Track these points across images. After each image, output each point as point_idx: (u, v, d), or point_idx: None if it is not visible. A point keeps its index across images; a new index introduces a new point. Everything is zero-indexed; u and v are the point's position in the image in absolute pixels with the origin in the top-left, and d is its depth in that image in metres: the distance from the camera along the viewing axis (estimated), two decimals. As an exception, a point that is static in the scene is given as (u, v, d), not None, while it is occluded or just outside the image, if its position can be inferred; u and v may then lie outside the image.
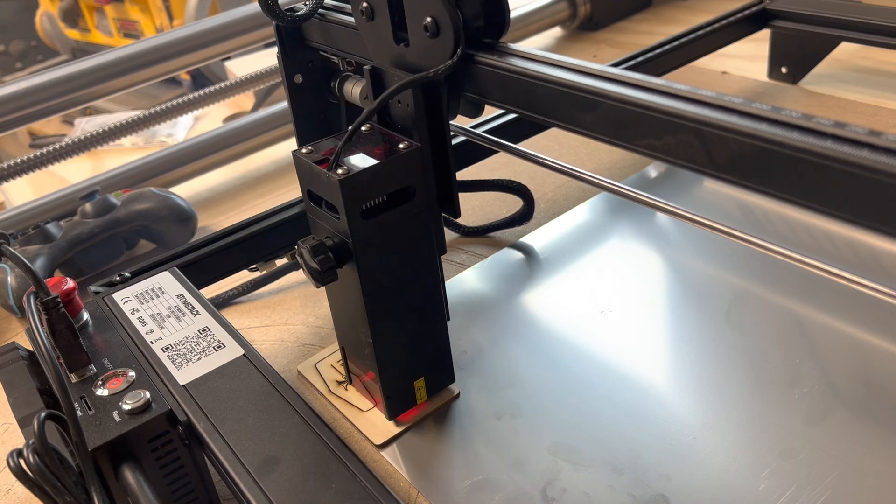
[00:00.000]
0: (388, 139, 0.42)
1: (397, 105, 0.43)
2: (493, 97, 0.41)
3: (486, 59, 0.40)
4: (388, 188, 0.41)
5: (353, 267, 0.41)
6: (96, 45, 1.78)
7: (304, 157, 0.41)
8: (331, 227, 0.42)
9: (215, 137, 0.87)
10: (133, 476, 0.36)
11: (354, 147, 0.41)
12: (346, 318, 0.46)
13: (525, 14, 1.08)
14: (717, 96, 0.30)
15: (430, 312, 0.46)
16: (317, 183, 0.41)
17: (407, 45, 0.43)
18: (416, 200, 0.42)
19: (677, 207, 0.36)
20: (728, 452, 0.44)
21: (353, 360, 0.49)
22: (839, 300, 0.53)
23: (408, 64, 0.43)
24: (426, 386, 0.48)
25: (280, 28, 0.52)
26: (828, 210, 0.27)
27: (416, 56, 0.42)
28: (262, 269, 0.60)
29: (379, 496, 0.34)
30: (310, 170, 0.41)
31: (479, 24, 0.40)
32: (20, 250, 0.66)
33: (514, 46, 0.40)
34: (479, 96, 0.42)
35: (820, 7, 0.79)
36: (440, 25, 0.40)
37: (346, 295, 0.44)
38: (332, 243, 0.41)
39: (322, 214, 0.42)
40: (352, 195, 0.39)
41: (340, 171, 0.39)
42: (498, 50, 0.40)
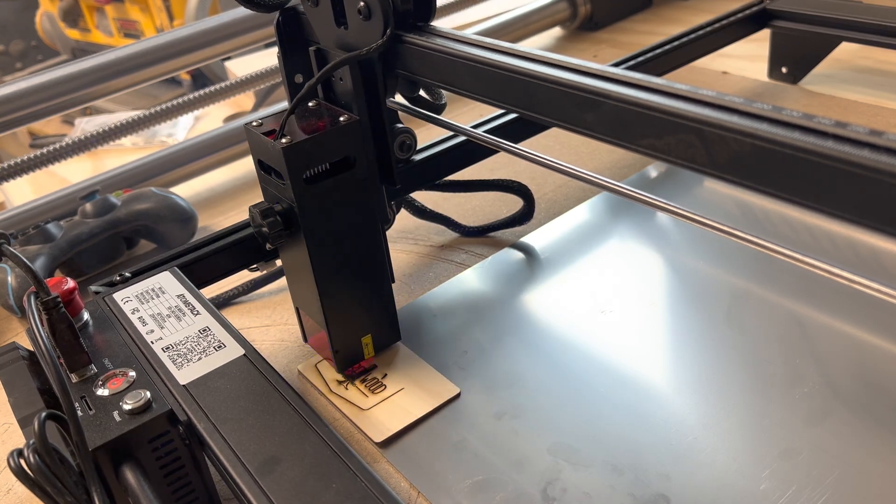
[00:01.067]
0: (332, 113, 0.46)
1: (339, 82, 0.48)
2: (421, 74, 0.45)
3: (413, 39, 0.44)
4: (329, 157, 0.45)
5: (299, 230, 0.46)
6: (96, 45, 1.78)
7: (253, 129, 0.46)
8: (278, 192, 0.46)
9: (215, 137, 0.87)
10: (133, 476, 0.37)
11: (301, 121, 0.45)
12: (297, 279, 0.50)
13: (525, 14, 1.08)
14: (717, 96, 0.30)
15: (373, 273, 0.50)
16: (265, 152, 0.45)
17: (346, 28, 0.47)
18: (355, 169, 0.46)
19: (677, 207, 0.36)
20: (728, 452, 0.44)
21: (306, 319, 0.53)
22: (839, 300, 0.53)
23: (347, 45, 0.48)
24: (373, 342, 0.53)
25: (280, 27, 0.52)
26: (829, 210, 0.27)
27: (354, 37, 0.47)
28: (263, 269, 0.60)
29: (379, 496, 0.34)
30: (259, 140, 0.45)
31: (408, 7, 0.45)
32: (20, 250, 0.66)
33: (440, 28, 0.44)
34: (409, 73, 0.46)
35: (820, 7, 0.79)
36: (371, 9, 0.44)
37: (296, 257, 0.48)
38: (281, 208, 0.46)
39: (271, 182, 0.46)
40: (295, 162, 0.43)
41: (284, 141, 0.43)
42: (426, 31, 0.45)
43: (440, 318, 0.58)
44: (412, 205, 0.66)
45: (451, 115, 0.52)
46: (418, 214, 0.67)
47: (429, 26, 0.45)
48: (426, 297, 0.61)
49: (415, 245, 0.68)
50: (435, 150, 0.60)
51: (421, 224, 0.70)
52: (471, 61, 0.41)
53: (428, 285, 0.62)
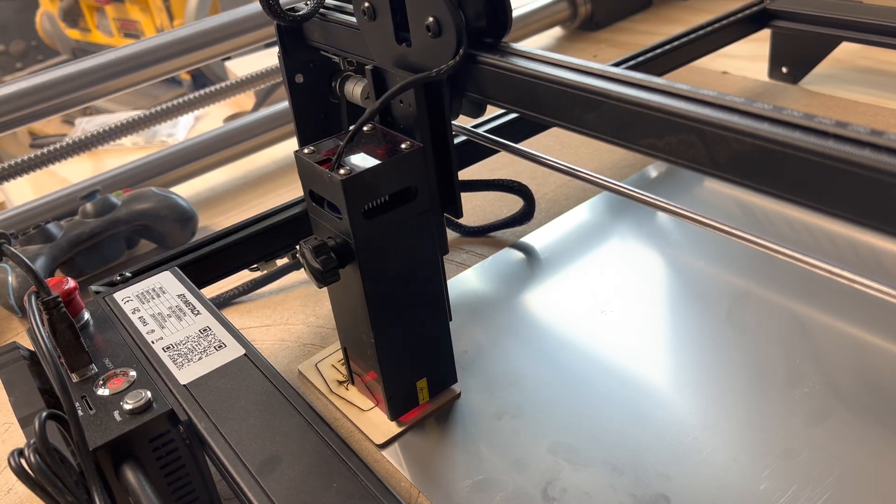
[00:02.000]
0: (390, 139, 0.42)
1: (399, 105, 0.43)
2: (494, 97, 0.41)
3: (488, 58, 0.40)
4: (390, 188, 0.41)
5: (355, 267, 0.41)
6: (96, 45, 1.78)
7: (306, 158, 0.41)
8: (333, 227, 0.42)
9: (215, 137, 0.87)
10: (134, 476, 0.36)
11: (356, 147, 0.41)
12: (348, 318, 0.46)
13: (525, 14, 1.08)
14: (718, 96, 0.30)
15: (432, 313, 0.46)
16: (319, 183, 0.41)
17: (409, 45, 0.43)
18: (417, 201, 0.42)
19: (678, 207, 0.36)
20: (728, 452, 0.44)
21: (355, 361, 0.49)
22: (840, 300, 0.53)
23: (410, 64, 0.43)
24: (428, 386, 0.48)
25: (281, 28, 0.52)
26: (829, 209, 0.27)
27: (418, 56, 0.43)
28: (263, 269, 0.60)
29: (380, 496, 0.34)
30: (312, 170, 0.41)
31: (482, 24, 0.40)
32: (21, 250, 0.66)
33: (516, 46, 0.40)
34: (481, 96, 0.42)
35: (820, 7, 0.79)
36: (442, 25, 0.40)
37: (348, 295, 0.44)
38: (335, 243, 0.41)
39: (324, 215, 0.42)
40: (354, 195, 0.39)
41: (343, 172, 0.39)
42: (500, 50, 0.40)
43: (440, 318, 0.58)
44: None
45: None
46: (419, 214, 0.67)
47: (502, 43, 0.41)
48: (426, 297, 0.61)
49: (415, 245, 0.68)
50: (435, 150, 0.59)
51: (421, 224, 0.70)
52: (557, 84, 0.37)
53: (428, 285, 0.62)
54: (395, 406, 0.48)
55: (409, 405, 0.48)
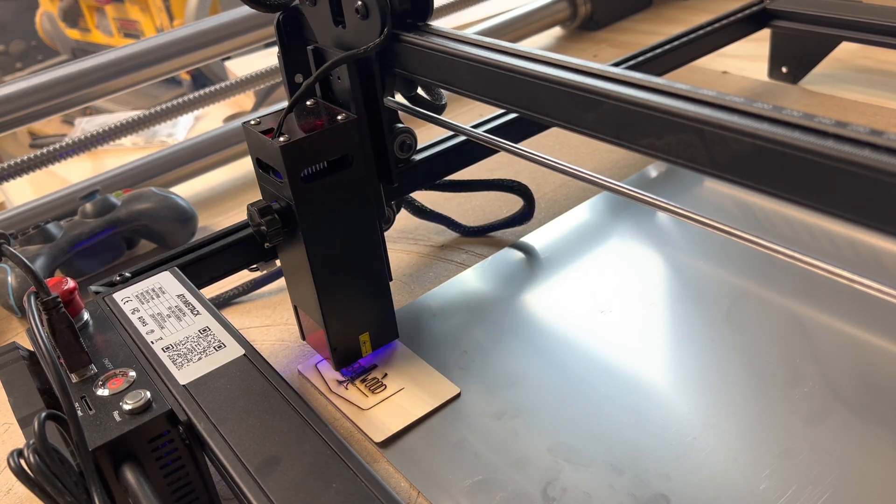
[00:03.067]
0: (329, 112, 0.46)
1: (337, 81, 0.48)
2: (419, 73, 0.45)
3: (410, 38, 0.44)
4: (326, 155, 0.45)
5: (297, 229, 0.46)
6: (96, 45, 1.78)
7: (252, 128, 0.46)
8: (276, 191, 0.46)
9: (215, 137, 0.87)
10: (134, 476, 0.36)
11: (299, 120, 0.45)
12: (295, 277, 0.51)
13: (525, 14, 1.08)
14: (718, 96, 0.30)
15: (370, 272, 0.50)
16: (263, 150, 0.45)
17: (344, 27, 0.47)
18: (354, 168, 0.46)
19: (678, 207, 0.36)
20: (728, 452, 0.44)
21: (304, 318, 0.53)
22: (839, 300, 0.53)
23: (345, 44, 0.48)
24: (370, 340, 0.52)
25: (280, 27, 0.52)
26: (829, 209, 0.27)
27: (351, 36, 0.47)
28: (263, 269, 0.60)
29: (380, 496, 0.34)
30: (257, 139, 0.45)
31: (406, 6, 0.45)
32: (20, 250, 0.66)
33: (436, 27, 0.45)
34: (406, 72, 0.46)
35: (820, 7, 0.79)
36: (369, 8, 0.44)
37: (294, 255, 0.49)
38: (279, 206, 0.46)
39: (269, 180, 0.47)
40: (293, 161, 0.43)
41: (283, 139, 0.43)
42: (422, 30, 0.45)
43: (440, 318, 0.58)
44: (412, 205, 0.66)
45: (451, 114, 0.52)
46: (418, 214, 0.67)
47: (426, 25, 0.46)
48: (426, 297, 0.61)
49: (415, 245, 0.68)
50: (435, 150, 0.60)
51: (421, 224, 0.70)
52: (468, 60, 0.41)
53: (428, 285, 0.62)
54: (340, 357, 0.52)
55: (352, 357, 0.53)
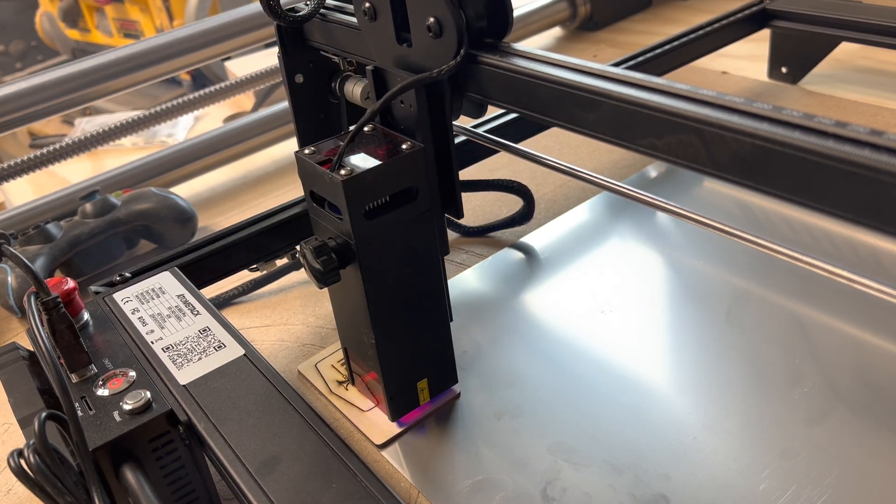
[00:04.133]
0: (391, 140, 0.42)
1: (400, 105, 0.43)
2: (495, 97, 0.41)
3: (488, 59, 0.40)
4: (390, 189, 0.41)
5: (355, 268, 0.41)
6: (96, 45, 1.78)
7: (306, 158, 0.41)
8: (334, 227, 0.42)
9: (215, 137, 0.87)
10: (134, 476, 0.36)
11: (357, 147, 0.41)
12: (348, 318, 0.46)
13: (525, 14, 1.08)
14: (718, 96, 0.30)
15: (433, 313, 0.46)
16: (319, 184, 0.41)
17: (410, 46, 0.43)
18: (418, 201, 0.42)
19: (677, 207, 0.36)
20: (728, 452, 0.44)
21: (355, 361, 0.49)
22: (839, 300, 0.53)
23: (410, 64, 0.43)
24: (429, 387, 0.48)
25: (281, 28, 0.52)
26: (829, 209, 0.27)
27: (419, 56, 0.42)
28: (262, 269, 0.60)
29: (379, 496, 0.34)
30: (312, 170, 0.41)
31: (483, 24, 0.40)
32: (20, 250, 0.66)
33: (516, 46, 0.40)
34: (481, 96, 0.42)
35: (820, 7, 0.79)
36: (443, 25, 0.40)
37: (348, 295, 0.44)
38: (335, 244, 0.41)
39: (325, 215, 0.42)
40: (355, 196, 0.39)
41: (343, 172, 0.39)
42: (501, 50, 0.40)
43: (440, 318, 0.58)
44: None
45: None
46: (418, 214, 0.66)
47: (505, 45, 0.41)
48: (426, 297, 0.61)
49: (415, 245, 0.68)
50: (435, 151, 0.59)
51: (421, 224, 0.70)
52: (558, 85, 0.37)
53: (428, 285, 0.62)
54: (396, 406, 0.48)
55: (409, 405, 0.48)
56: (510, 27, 0.41)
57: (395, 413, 0.48)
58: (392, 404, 0.47)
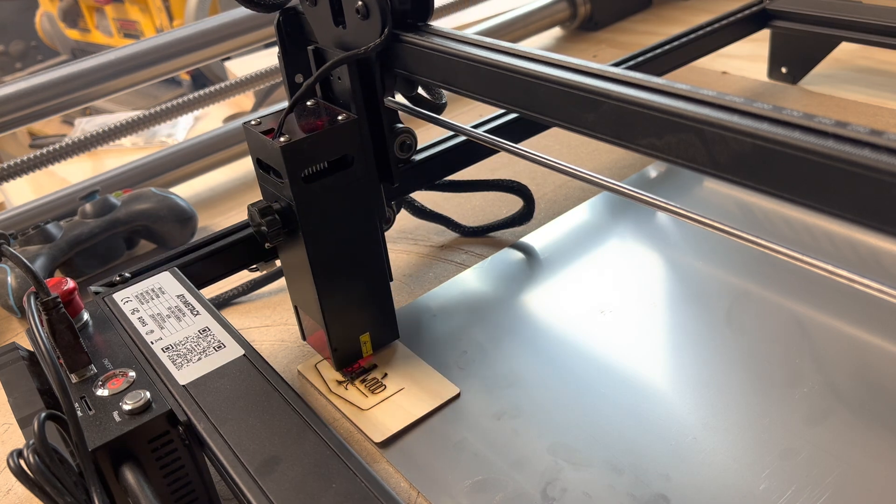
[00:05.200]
0: (330, 112, 0.46)
1: (337, 81, 0.48)
2: (419, 73, 0.45)
3: (411, 38, 0.44)
4: (327, 156, 0.45)
5: (298, 229, 0.46)
6: (96, 45, 1.78)
7: (252, 128, 0.46)
8: (277, 191, 0.46)
9: (215, 137, 0.87)
10: (133, 476, 0.36)
11: (300, 120, 0.46)
12: (296, 277, 0.50)
13: (525, 14, 1.08)
14: (718, 96, 0.30)
15: (371, 272, 0.50)
16: (264, 151, 0.45)
17: (345, 27, 0.47)
18: (354, 168, 0.46)
19: (677, 207, 0.36)
20: (728, 452, 0.44)
21: (304, 318, 0.53)
22: (839, 300, 0.53)
23: (345, 44, 0.48)
24: (371, 340, 0.53)
25: (281, 27, 0.52)
26: (829, 209, 0.27)
27: (352, 37, 0.47)
28: (262, 269, 0.60)
29: (379, 496, 0.34)
30: (257, 139, 0.45)
31: (406, 6, 0.45)
32: (20, 250, 0.66)
33: (437, 27, 0.45)
34: (407, 72, 0.46)
35: (820, 7, 0.79)
36: (369, 8, 0.44)
37: (294, 256, 0.49)
38: (279, 207, 0.46)
39: (270, 180, 0.47)
40: (293, 161, 0.43)
41: (283, 139, 0.43)
42: (423, 31, 0.45)
43: (440, 318, 0.58)
44: (412, 205, 0.66)
45: (451, 115, 0.52)
46: (418, 214, 0.67)
47: (427, 25, 0.45)
48: (426, 297, 0.61)
49: (415, 245, 0.68)
50: (435, 150, 0.60)
51: (421, 224, 0.70)
52: (469, 60, 0.41)
53: (428, 285, 0.62)
54: (340, 358, 0.52)
55: (353, 358, 0.53)
56: (432, 11, 0.46)
57: (339, 363, 0.52)
58: (336, 355, 0.52)
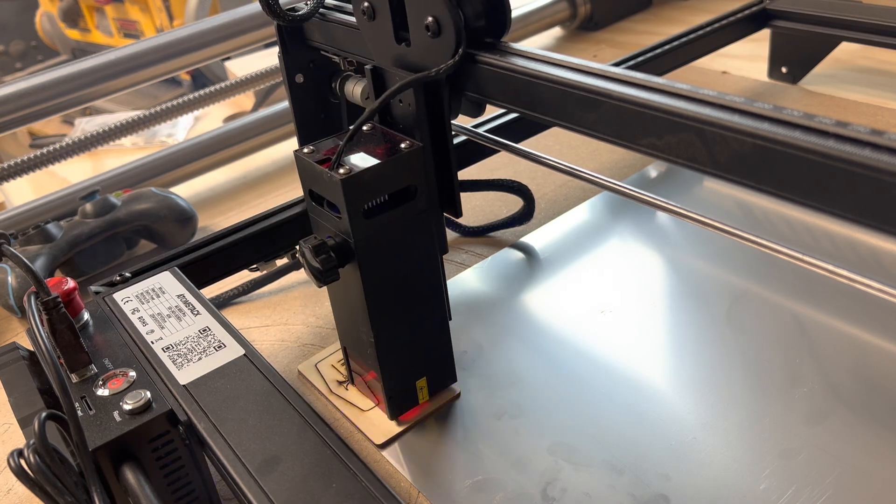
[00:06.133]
0: (390, 139, 0.42)
1: (399, 104, 0.43)
2: (494, 97, 0.41)
3: (487, 58, 0.40)
4: (389, 188, 0.41)
5: (354, 266, 0.42)
6: (96, 45, 1.78)
7: (305, 157, 0.41)
8: (333, 226, 0.42)
9: (215, 137, 0.87)
10: (134, 476, 0.36)
11: (356, 147, 0.42)
12: (348, 317, 0.46)
13: (525, 14, 1.08)
14: (718, 95, 0.30)
15: (431, 312, 0.46)
16: (319, 183, 0.41)
17: (408, 45, 0.43)
18: (417, 200, 0.42)
19: (678, 207, 0.36)
20: (728, 452, 0.44)
21: (354, 360, 0.49)
22: (839, 300, 0.53)
23: (409, 63, 0.44)
24: (428, 385, 0.48)
25: (281, 28, 0.52)
26: (829, 209, 0.27)
27: (418, 55, 0.43)
28: (262, 269, 0.60)
29: (380, 496, 0.34)
30: (312, 169, 0.41)
31: (481, 23, 0.41)
32: (21, 250, 0.66)
33: (515, 46, 0.40)
34: (480, 96, 0.42)
35: (820, 7, 0.79)
36: (441, 25, 0.40)
37: (348, 294, 0.44)
38: (334, 243, 0.42)
39: (324, 214, 0.42)
40: (353, 194, 0.39)
41: (342, 171, 0.39)
42: (499, 49, 0.40)
43: (440, 318, 0.58)
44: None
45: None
46: (418, 214, 0.67)
47: (504, 44, 0.41)
48: (426, 297, 0.60)
49: (415, 245, 0.68)
50: (435, 150, 0.59)
51: (421, 224, 0.70)
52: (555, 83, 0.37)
53: (428, 285, 0.62)
54: (395, 405, 0.48)
55: (408, 404, 0.48)
56: (509, 27, 0.41)
57: (394, 412, 0.48)
58: (391, 403, 0.47)
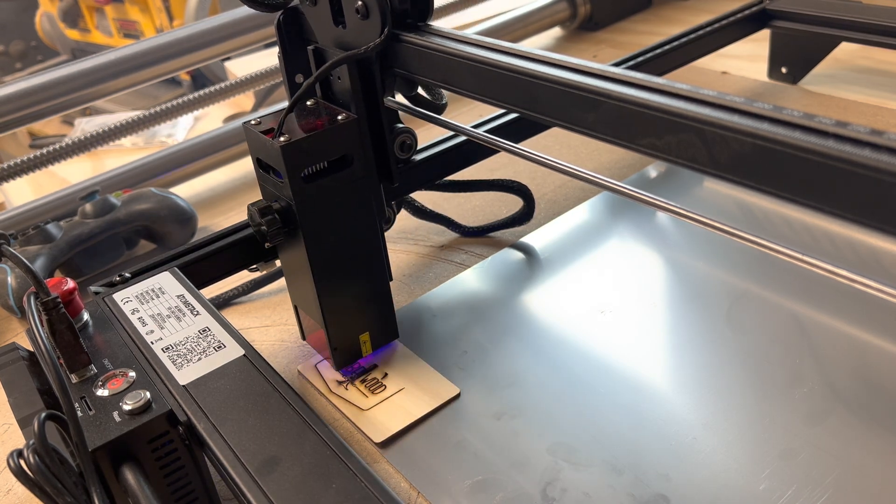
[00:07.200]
0: (329, 112, 0.46)
1: (338, 81, 0.48)
2: (418, 73, 0.46)
3: (410, 38, 0.45)
4: (327, 155, 0.45)
5: (297, 228, 0.46)
6: (96, 45, 1.78)
7: (252, 128, 0.46)
8: (277, 191, 0.46)
9: (215, 137, 0.87)
10: (133, 476, 0.36)
11: (300, 119, 0.46)
12: (295, 277, 0.51)
13: (525, 14, 1.08)
14: (718, 96, 0.30)
15: (371, 272, 0.50)
16: (264, 150, 0.46)
17: (345, 27, 0.48)
18: (354, 167, 0.46)
19: (677, 207, 0.36)
20: (728, 452, 0.44)
21: (304, 318, 0.53)
22: (839, 300, 0.53)
23: (345, 44, 0.48)
24: (371, 340, 0.53)
25: (281, 27, 0.52)
26: (829, 209, 0.27)
27: (352, 36, 0.48)
28: (262, 269, 0.60)
29: (379, 496, 0.34)
30: (257, 139, 0.45)
31: (406, 6, 0.45)
32: (20, 250, 0.66)
33: (436, 27, 0.45)
34: (406, 72, 0.46)
35: (820, 7, 0.79)
36: (369, 8, 0.45)
37: (294, 255, 0.49)
38: (279, 206, 0.46)
39: (269, 180, 0.47)
40: (293, 160, 0.44)
41: (283, 139, 0.43)
42: (422, 30, 0.45)
43: (440, 318, 0.58)
44: (412, 205, 0.66)
45: (451, 114, 0.52)
46: (418, 214, 0.67)
47: (426, 25, 0.46)
48: (426, 297, 0.61)
49: (415, 245, 0.68)
50: (435, 150, 0.60)
51: (421, 224, 0.70)
52: (468, 60, 0.41)
53: (428, 285, 0.62)
54: (340, 357, 0.52)
55: (352, 357, 0.53)
56: (431, 11, 0.46)
57: (338, 363, 0.52)
58: (336, 355, 0.52)
